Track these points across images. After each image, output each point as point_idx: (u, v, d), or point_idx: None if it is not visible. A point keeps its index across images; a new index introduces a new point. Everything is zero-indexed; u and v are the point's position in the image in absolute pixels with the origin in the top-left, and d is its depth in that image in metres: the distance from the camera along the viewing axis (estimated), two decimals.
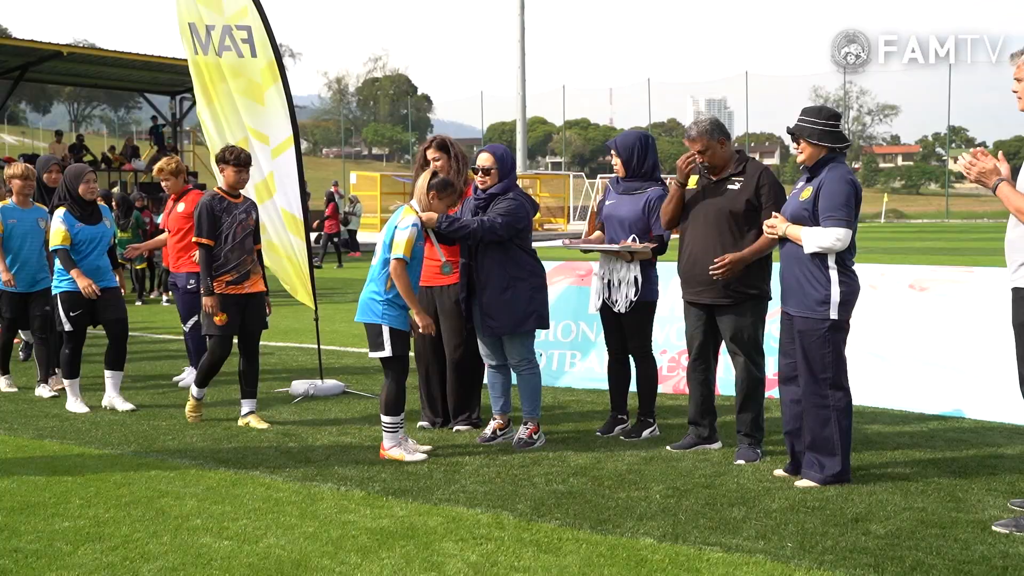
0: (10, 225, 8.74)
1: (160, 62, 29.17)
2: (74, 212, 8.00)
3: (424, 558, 4.66)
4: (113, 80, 33.32)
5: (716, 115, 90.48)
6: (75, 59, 28.50)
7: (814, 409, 5.75)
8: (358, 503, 5.52)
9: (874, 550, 4.71)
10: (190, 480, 5.99)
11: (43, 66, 28.33)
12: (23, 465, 6.38)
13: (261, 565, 4.59)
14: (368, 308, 6.49)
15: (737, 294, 6.28)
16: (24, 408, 8.19)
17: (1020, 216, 4.91)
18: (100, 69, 29.86)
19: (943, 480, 5.87)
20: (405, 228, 6.40)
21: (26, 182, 8.83)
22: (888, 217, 62.16)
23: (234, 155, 7.47)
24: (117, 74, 31.65)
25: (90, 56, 30.36)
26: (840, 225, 5.53)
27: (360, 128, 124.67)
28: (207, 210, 7.36)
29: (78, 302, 7.94)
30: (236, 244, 7.40)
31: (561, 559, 4.64)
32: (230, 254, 7.38)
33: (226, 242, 7.37)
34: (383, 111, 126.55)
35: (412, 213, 6.51)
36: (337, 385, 8.79)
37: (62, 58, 27.41)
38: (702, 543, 4.82)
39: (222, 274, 7.35)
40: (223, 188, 7.52)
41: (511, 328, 6.73)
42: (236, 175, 7.49)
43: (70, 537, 4.96)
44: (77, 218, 8.00)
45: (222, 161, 7.50)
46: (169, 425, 7.50)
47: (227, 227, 7.39)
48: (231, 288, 7.39)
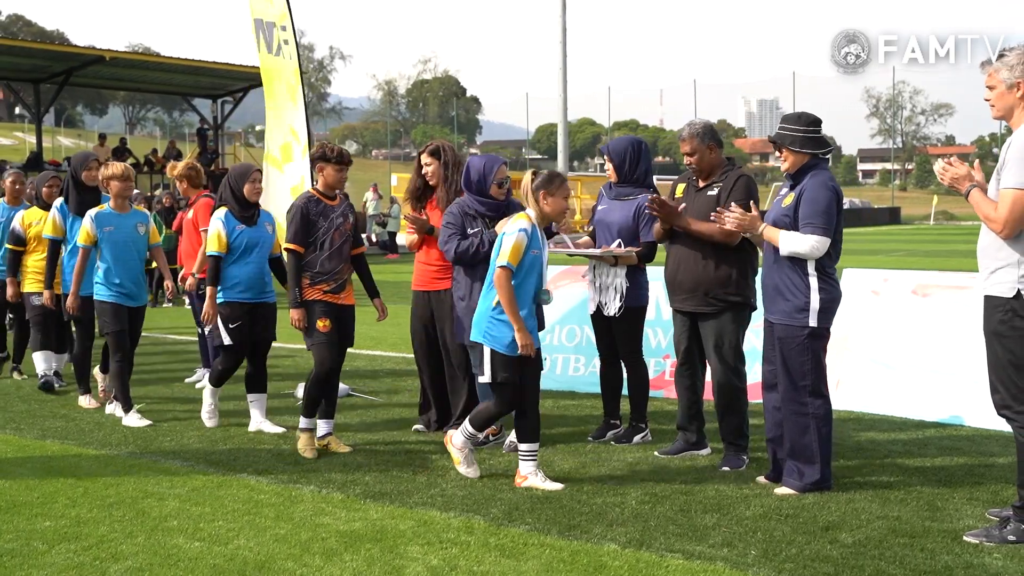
0: (106, 233, 7.89)
1: (201, 66, 29.63)
2: (235, 213, 7.25)
3: (386, 561, 4.71)
4: (155, 84, 33.96)
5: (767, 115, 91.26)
6: (117, 64, 29.07)
7: (793, 416, 5.73)
8: (335, 506, 5.59)
9: (836, 559, 4.69)
10: (177, 481, 6.10)
11: (87, 71, 28.91)
12: (20, 465, 6.53)
13: (225, 566, 4.67)
14: (476, 324, 5.96)
15: (718, 302, 6.28)
16: (35, 408, 8.38)
17: (988, 223, 4.88)
18: (142, 73, 30.41)
19: (925, 489, 5.82)
20: (512, 233, 5.81)
21: (126, 183, 8.01)
22: (937, 219, 61.33)
23: (335, 152, 6.87)
24: (159, 78, 32.23)
25: (132, 61, 31.03)
26: (817, 233, 5.51)
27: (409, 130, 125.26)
28: (301, 213, 6.76)
29: (237, 313, 7.25)
30: (333, 251, 6.82)
31: (521, 564, 4.67)
32: (327, 262, 6.79)
33: (322, 249, 6.78)
34: (432, 113, 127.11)
35: (523, 217, 5.90)
36: (342, 388, 8.86)
37: (104, 63, 27.99)
38: (666, 550, 4.83)
39: (319, 283, 6.79)
40: (319, 189, 6.93)
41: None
42: (337, 174, 6.87)
43: (48, 536, 5.08)
44: (239, 219, 7.26)
45: (322, 159, 6.86)
46: (170, 427, 7.64)
47: (323, 232, 6.79)
48: (329, 296, 6.83)
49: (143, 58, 31.02)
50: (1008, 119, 4.99)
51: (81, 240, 7.96)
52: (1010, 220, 4.78)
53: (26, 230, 9.25)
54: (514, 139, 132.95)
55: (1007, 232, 4.81)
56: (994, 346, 4.94)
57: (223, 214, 7.23)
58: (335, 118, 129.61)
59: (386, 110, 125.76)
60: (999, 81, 4.91)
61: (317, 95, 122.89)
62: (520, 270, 5.78)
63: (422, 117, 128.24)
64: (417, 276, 7.35)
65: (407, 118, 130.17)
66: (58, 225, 8.62)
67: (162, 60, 28.76)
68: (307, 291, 6.76)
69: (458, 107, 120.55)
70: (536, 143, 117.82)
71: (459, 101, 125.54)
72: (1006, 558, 4.69)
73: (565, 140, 39.38)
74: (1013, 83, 4.88)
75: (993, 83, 4.93)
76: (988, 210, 4.86)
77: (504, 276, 5.74)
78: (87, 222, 7.92)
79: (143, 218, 8.24)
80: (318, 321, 6.72)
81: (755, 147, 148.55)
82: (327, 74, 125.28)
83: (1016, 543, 4.85)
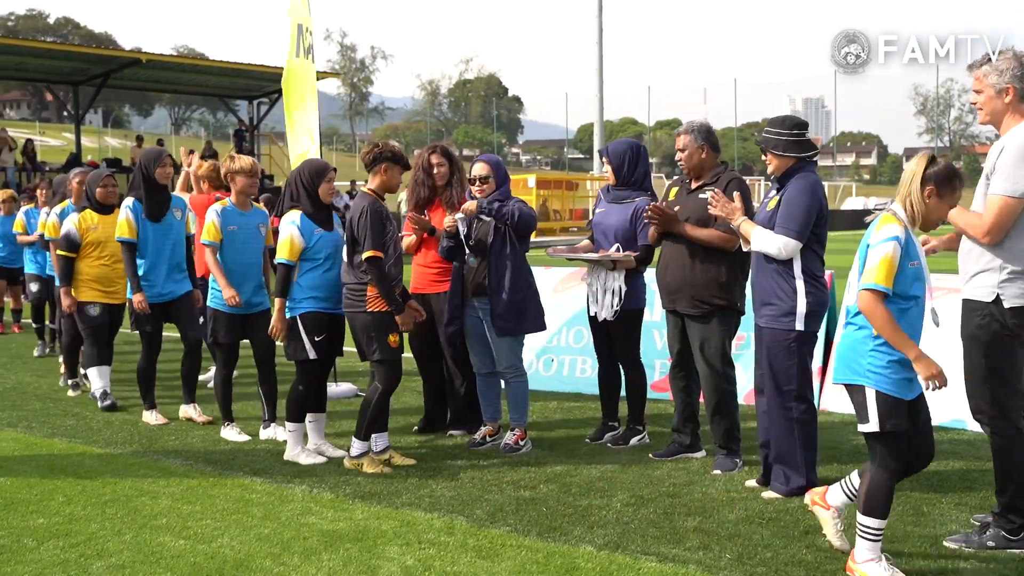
0: (230, 232, 7.26)
1: (236, 68, 29.98)
2: (310, 215, 6.65)
3: (362, 561, 4.78)
4: (192, 86, 34.37)
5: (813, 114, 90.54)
6: (154, 66, 29.53)
7: (778, 420, 5.73)
8: (324, 506, 5.67)
9: (810, 563, 4.70)
10: (173, 480, 6.21)
11: (124, 73, 29.36)
12: (24, 463, 6.68)
13: (205, 564, 4.76)
14: (846, 361, 4.61)
15: (704, 304, 6.28)
16: (48, 407, 8.54)
17: (971, 230, 4.87)
18: (178, 75, 30.83)
19: (915, 493, 5.79)
20: (880, 244, 4.42)
21: (252, 179, 7.32)
22: None
23: (394, 153, 6.48)
24: (195, 80, 32.66)
25: (168, 63, 31.48)
26: (789, 235, 5.51)
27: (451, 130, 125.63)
28: (377, 216, 6.28)
29: (323, 324, 6.66)
30: (397, 256, 6.48)
31: (495, 565, 4.72)
32: (392, 268, 6.39)
33: (387, 254, 6.33)
34: (474, 113, 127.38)
35: (892, 221, 4.45)
36: (350, 388, 8.99)
37: (141, 65, 28.43)
38: (641, 552, 4.85)
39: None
40: (375, 190, 6.48)
41: (521, 329, 6.83)
42: (400, 177, 6.56)
43: (39, 533, 5.21)
44: (316, 222, 6.65)
45: (391, 160, 6.42)
46: (177, 425, 7.77)
47: (390, 236, 6.38)
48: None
49: (178, 60, 31.45)
50: (996, 125, 4.96)
51: (208, 237, 7.22)
52: (995, 226, 4.75)
53: (83, 235, 8.44)
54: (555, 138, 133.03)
55: (991, 238, 4.78)
56: (971, 351, 4.92)
57: (298, 217, 6.60)
58: (377, 118, 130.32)
59: (428, 110, 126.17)
60: (987, 85, 4.88)
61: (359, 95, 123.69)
62: (901, 291, 4.41)
63: (464, 117, 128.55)
64: (415, 279, 7.40)
65: (449, 118, 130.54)
66: (133, 226, 7.80)
67: (197, 62, 29.24)
68: (376, 302, 6.31)
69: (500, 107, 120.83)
70: (578, 143, 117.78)
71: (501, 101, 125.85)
72: (981, 563, 4.68)
73: (602, 139, 39.42)
74: (1002, 88, 4.85)
75: (981, 87, 4.90)
76: (970, 218, 4.84)
77: (874, 302, 4.37)
78: (213, 217, 7.21)
79: (264, 218, 7.55)
80: (389, 336, 6.32)
81: None
82: (369, 74, 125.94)
83: (995, 549, 4.83)
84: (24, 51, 29.66)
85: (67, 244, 8.45)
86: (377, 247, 6.21)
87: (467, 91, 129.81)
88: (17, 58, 29.25)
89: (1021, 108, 4.80)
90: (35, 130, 70.63)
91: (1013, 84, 4.81)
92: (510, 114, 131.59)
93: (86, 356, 8.65)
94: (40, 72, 30.98)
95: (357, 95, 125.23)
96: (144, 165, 7.91)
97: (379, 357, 6.35)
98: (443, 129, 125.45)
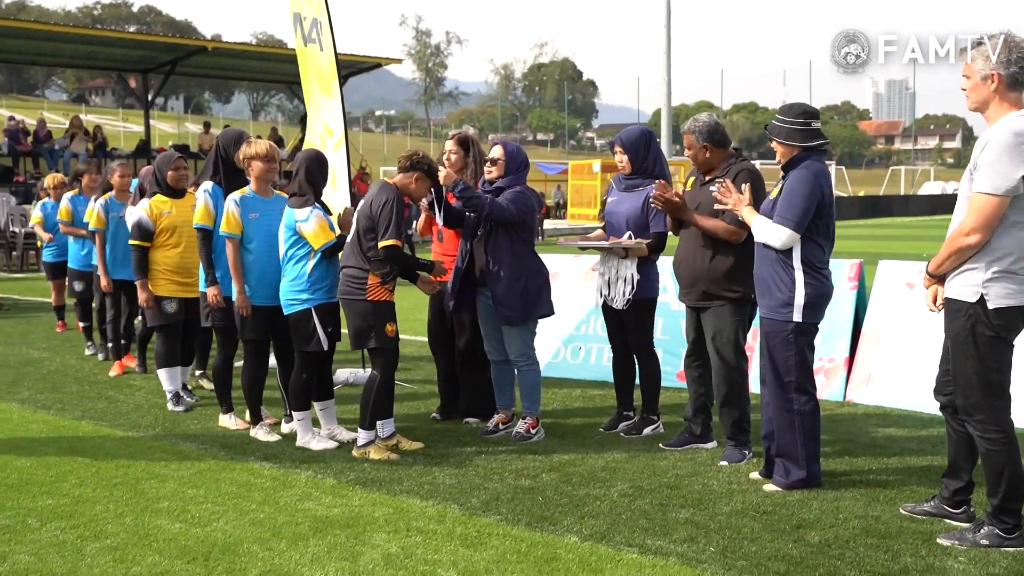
0: (251, 221, 6.92)
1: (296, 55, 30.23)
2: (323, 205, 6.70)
3: (347, 548, 4.84)
4: (259, 73, 34.84)
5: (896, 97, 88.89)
6: (220, 53, 29.99)
7: (779, 413, 5.66)
8: (324, 491, 5.74)
9: (794, 557, 4.65)
10: (185, 464, 6.34)
11: (191, 60, 29.89)
12: (47, 444, 6.87)
13: (195, 547, 4.86)
14: None
15: (715, 296, 6.23)
16: (85, 390, 8.76)
17: (957, 234, 4.74)
18: (243, 63, 31.24)
19: (920, 488, 5.68)
20: None
21: (270, 164, 6.97)
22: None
23: (431, 167, 6.58)
24: (262, 67, 33.08)
25: (233, 51, 31.93)
26: (787, 226, 5.43)
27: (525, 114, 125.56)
28: (397, 206, 6.34)
29: (334, 315, 6.73)
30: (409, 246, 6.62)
31: (475, 554, 4.74)
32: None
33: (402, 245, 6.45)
34: (548, 97, 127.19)
35: None
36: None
37: (207, 53, 28.92)
38: (625, 544, 4.84)
39: (389, 282, 6.43)
40: (401, 188, 6.52)
41: (524, 317, 6.80)
42: (427, 188, 6.67)
43: (45, 514, 5.36)
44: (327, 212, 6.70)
45: (419, 168, 6.52)
46: (201, 411, 7.92)
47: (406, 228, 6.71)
48: (392, 296, 6.51)
49: (243, 48, 31.85)
50: (983, 112, 4.78)
51: (228, 228, 6.89)
52: (979, 226, 4.61)
53: (155, 221, 7.98)
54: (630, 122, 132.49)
55: (977, 238, 4.63)
56: (956, 353, 4.78)
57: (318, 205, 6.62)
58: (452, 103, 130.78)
59: (502, 94, 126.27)
60: (974, 71, 4.72)
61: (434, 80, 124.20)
62: None
63: (538, 101, 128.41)
64: None
65: (523, 102, 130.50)
66: (211, 213, 7.23)
67: (263, 50, 29.66)
68: (377, 291, 6.38)
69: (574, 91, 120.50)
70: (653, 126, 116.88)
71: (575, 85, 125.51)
72: (970, 562, 4.58)
73: (668, 123, 39.04)
74: (987, 74, 4.68)
75: (969, 72, 4.75)
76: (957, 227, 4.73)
77: None
78: (232, 207, 6.89)
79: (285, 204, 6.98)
80: (387, 325, 6.41)
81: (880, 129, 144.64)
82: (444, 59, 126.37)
83: (988, 547, 4.73)
84: (95, 40, 30.38)
85: (140, 232, 7.95)
86: (397, 236, 6.29)
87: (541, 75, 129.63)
88: (88, 47, 29.95)
89: (1009, 97, 4.63)
90: (118, 116, 72.23)
91: (998, 71, 4.63)
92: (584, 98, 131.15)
93: (157, 355, 8.13)
94: (111, 60, 31.65)
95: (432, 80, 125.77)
96: (223, 147, 7.42)
97: (376, 345, 6.39)
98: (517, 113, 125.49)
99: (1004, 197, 4.56)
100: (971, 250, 4.68)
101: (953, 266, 4.78)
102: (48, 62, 41.10)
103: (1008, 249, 4.63)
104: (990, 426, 4.74)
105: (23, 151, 26.94)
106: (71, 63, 39.86)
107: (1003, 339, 4.70)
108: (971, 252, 4.69)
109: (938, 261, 4.85)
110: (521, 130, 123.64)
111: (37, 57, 33.08)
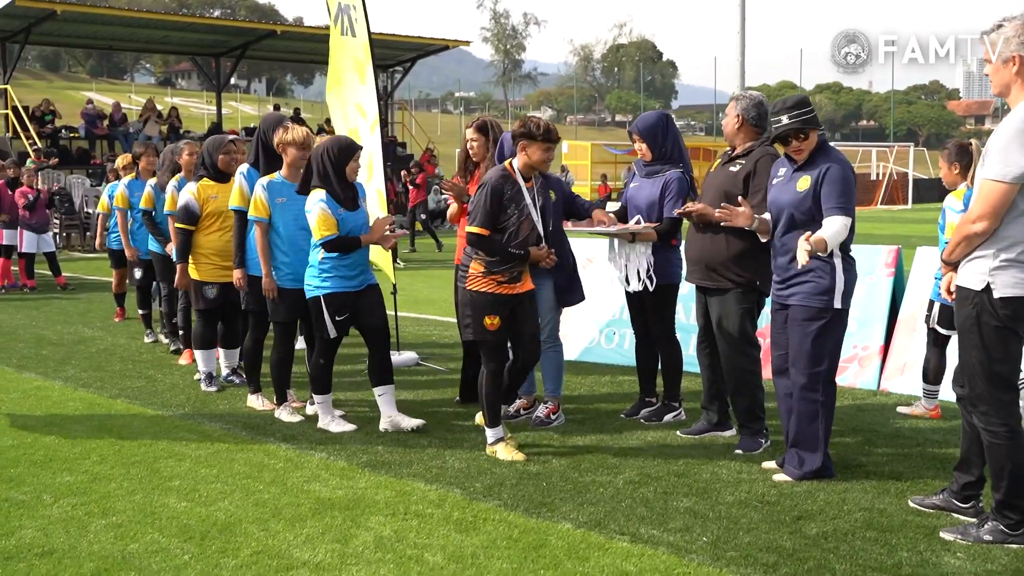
0: (278, 205, 6.97)
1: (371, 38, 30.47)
2: (335, 194, 6.57)
3: (342, 530, 4.89)
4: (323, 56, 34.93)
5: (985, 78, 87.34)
6: (289, 37, 30.36)
7: (803, 404, 5.54)
8: (333, 474, 5.81)
9: (785, 550, 4.58)
10: (205, 444, 6.46)
11: (261, 44, 30.33)
12: (79, 422, 7.05)
13: (196, 526, 4.96)
14: None
15: (722, 279, 6.15)
16: (128, 368, 8.97)
17: (965, 224, 4.61)
18: (312, 46, 31.45)
19: (934, 481, 5.55)
20: None
21: (303, 152, 6.96)
22: None
23: (543, 129, 6.07)
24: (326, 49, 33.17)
25: (302, 34, 32.37)
26: (848, 215, 5.37)
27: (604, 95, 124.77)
28: (493, 194, 6.02)
29: (345, 304, 6.70)
30: (518, 243, 6.08)
31: (466, 539, 4.76)
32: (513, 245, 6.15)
33: (506, 239, 6.08)
34: (627, 78, 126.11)
35: None
36: (412, 357, 9.13)
37: (276, 36, 29.32)
38: (618, 532, 4.82)
39: (495, 273, 6.08)
40: (518, 168, 6.13)
41: (579, 300, 7.15)
42: (544, 154, 6.09)
43: (60, 491, 5.51)
44: (339, 202, 6.58)
45: (526, 136, 6.05)
46: (232, 391, 8.05)
47: (513, 221, 6.06)
48: (505, 287, 6.12)
49: (311, 31, 32.19)
50: (1005, 95, 4.65)
51: (255, 212, 6.99)
52: (986, 213, 4.48)
53: (202, 205, 7.96)
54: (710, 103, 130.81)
55: (984, 225, 4.50)
56: (964, 342, 4.67)
57: (324, 196, 6.51)
58: (530, 84, 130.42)
59: (581, 75, 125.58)
60: (996, 55, 4.59)
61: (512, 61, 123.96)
62: None
63: (617, 82, 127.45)
64: (460, 250, 7.43)
65: (602, 83, 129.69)
66: (246, 194, 7.28)
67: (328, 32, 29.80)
68: (478, 280, 6.12)
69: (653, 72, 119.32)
70: None
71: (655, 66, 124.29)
72: (968, 558, 4.47)
73: None
74: (1008, 57, 4.55)
75: (991, 58, 4.62)
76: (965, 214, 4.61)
77: None
78: (260, 191, 6.97)
79: None
80: (486, 318, 6.07)
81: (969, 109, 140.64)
82: (522, 40, 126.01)
83: (991, 543, 4.61)
84: (168, 25, 31.00)
85: (186, 216, 7.96)
86: (483, 224, 6.01)
87: (620, 56, 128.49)
88: (162, 32, 30.58)
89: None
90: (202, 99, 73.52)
91: (1019, 52, 4.50)
92: (664, 79, 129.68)
93: (195, 336, 8.25)
94: (184, 45, 32.32)
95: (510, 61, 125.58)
96: (264, 131, 7.42)
97: (470, 336, 6.22)
98: (596, 95, 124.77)
99: (1013, 184, 4.43)
100: (979, 238, 4.56)
101: (963, 254, 4.66)
102: (124, 47, 41.63)
103: (1017, 237, 4.50)
104: (993, 418, 4.61)
105: (99, 134, 27.64)
106: (147, 47, 40.59)
107: (1010, 330, 4.56)
108: (979, 240, 4.56)
109: (950, 248, 4.74)
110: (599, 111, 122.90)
111: (113, 42, 33.72)
